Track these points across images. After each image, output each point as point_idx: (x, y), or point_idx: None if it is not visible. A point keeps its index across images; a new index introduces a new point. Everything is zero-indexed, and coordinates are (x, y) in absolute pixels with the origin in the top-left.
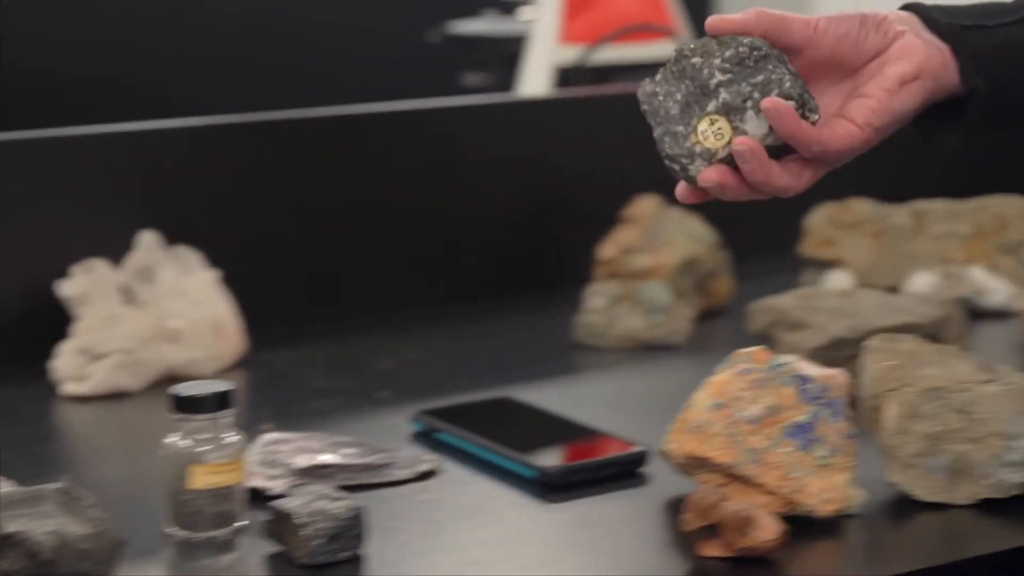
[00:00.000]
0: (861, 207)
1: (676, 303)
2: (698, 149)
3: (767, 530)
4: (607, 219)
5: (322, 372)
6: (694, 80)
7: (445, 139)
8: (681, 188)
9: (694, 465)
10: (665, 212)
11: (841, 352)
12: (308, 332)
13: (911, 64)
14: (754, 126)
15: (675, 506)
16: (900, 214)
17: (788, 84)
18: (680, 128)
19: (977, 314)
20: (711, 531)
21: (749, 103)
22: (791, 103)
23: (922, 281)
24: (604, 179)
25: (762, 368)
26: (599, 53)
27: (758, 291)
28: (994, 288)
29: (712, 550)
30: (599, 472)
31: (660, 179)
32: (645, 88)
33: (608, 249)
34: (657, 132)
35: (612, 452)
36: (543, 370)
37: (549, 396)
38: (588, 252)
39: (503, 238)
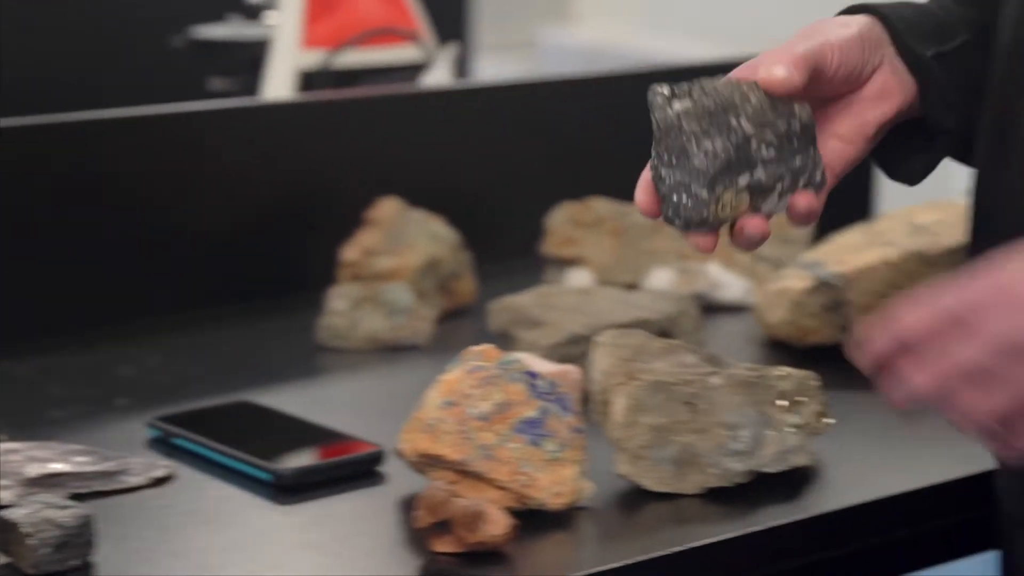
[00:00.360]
0: (601, 206)
1: (418, 304)
2: (710, 216)
3: (497, 525)
4: (350, 222)
5: (60, 381)
6: (736, 144)
7: (189, 143)
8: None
9: (427, 463)
10: (407, 214)
11: (578, 349)
12: (46, 341)
13: (891, 107)
14: (771, 206)
15: (410, 504)
16: (639, 213)
17: (818, 173)
18: (703, 192)
19: (713, 309)
20: (443, 527)
21: (779, 186)
22: (812, 191)
23: (659, 278)
24: (347, 182)
25: (492, 366)
26: (342, 57)
27: (501, 291)
28: (729, 283)
29: (444, 546)
30: (335, 473)
31: (402, 181)
32: (671, 107)
33: (351, 251)
34: (666, 172)
35: (348, 453)
36: (285, 373)
37: (290, 399)
38: (331, 255)
39: (246, 243)
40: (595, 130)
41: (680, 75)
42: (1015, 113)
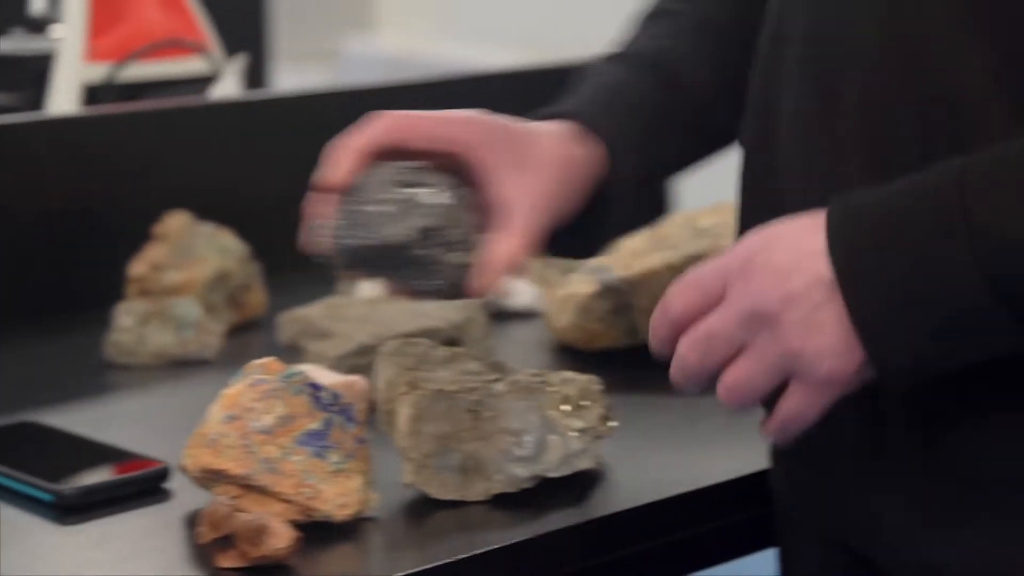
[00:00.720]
0: None
1: (207, 318)
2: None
3: (280, 538)
4: (138, 237)
5: None
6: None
7: None
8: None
9: (211, 478)
10: (195, 228)
11: (366, 359)
12: None
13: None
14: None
15: (194, 520)
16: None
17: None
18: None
19: (503, 315)
20: (226, 542)
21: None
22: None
23: None
24: (134, 196)
25: (274, 379)
26: (127, 71)
27: (292, 302)
28: (519, 290)
29: (228, 561)
30: (119, 491)
31: (189, 196)
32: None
33: (138, 267)
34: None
35: (133, 470)
36: (71, 392)
37: (76, 418)
38: (119, 271)
39: (30, 259)
40: None
41: (482, 82)
42: (775, 98)
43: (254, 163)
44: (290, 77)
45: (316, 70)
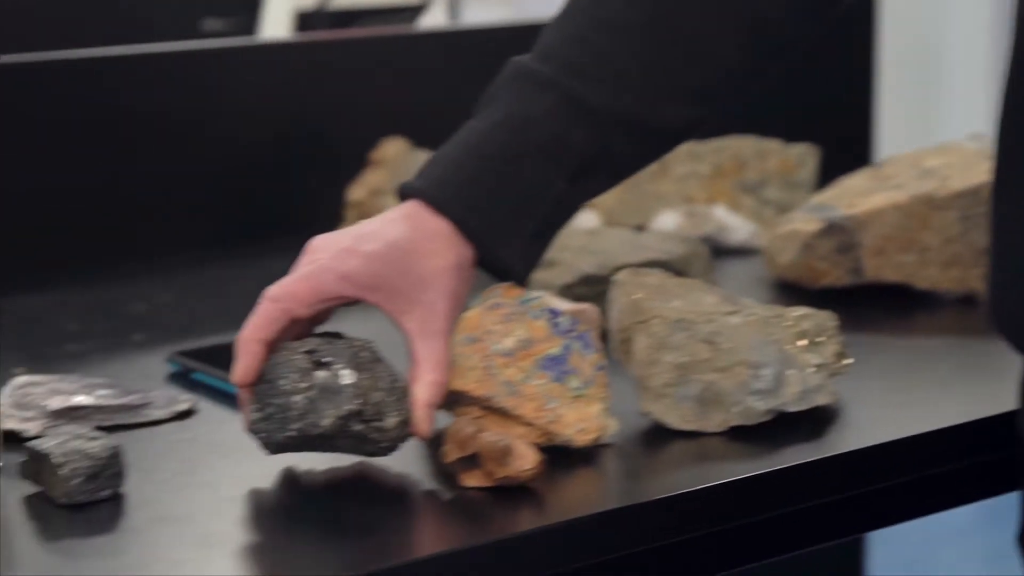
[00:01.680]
0: None
1: None
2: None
3: (525, 459)
4: (355, 162)
5: (75, 316)
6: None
7: (190, 84)
8: None
9: (451, 399)
10: (412, 154)
11: (590, 288)
12: (59, 277)
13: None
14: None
15: (434, 440)
16: None
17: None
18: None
19: (720, 251)
20: (471, 462)
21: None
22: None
23: (667, 220)
24: (353, 122)
25: (513, 303)
26: None
27: None
28: (736, 226)
29: (472, 480)
30: None
31: (406, 121)
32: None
33: (357, 191)
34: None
35: None
36: None
37: None
38: (338, 195)
39: (252, 183)
40: None
41: None
42: None
43: (464, 91)
44: (475, 12)
45: (495, 4)
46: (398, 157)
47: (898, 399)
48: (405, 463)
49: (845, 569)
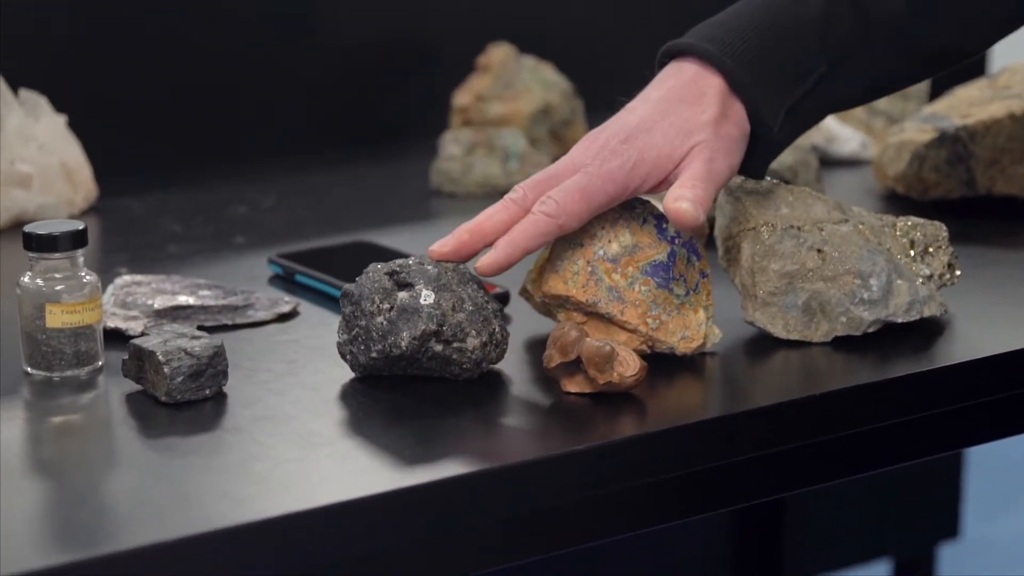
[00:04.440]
0: None
1: (531, 150)
2: None
3: (629, 366)
4: (462, 67)
5: (176, 218)
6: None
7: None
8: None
9: (554, 304)
10: (519, 60)
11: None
12: (160, 180)
13: None
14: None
15: (535, 345)
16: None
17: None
18: None
19: (829, 162)
20: (573, 367)
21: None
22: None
23: None
24: (458, 27)
25: (619, 208)
26: None
27: None
28: (845, 137)
29: (575, 386)
30: None
31: (513, 27)
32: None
33: (463, 97)
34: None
35: None
36: (400, 216)
37: (406, 241)
38: (444, 100)
39: (357, 86)
40: None
41: None
42: None
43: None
44: None
45: None
46: (504, 62)
47: (1008, 313)
48: (509, 368)
49: (943, 486)
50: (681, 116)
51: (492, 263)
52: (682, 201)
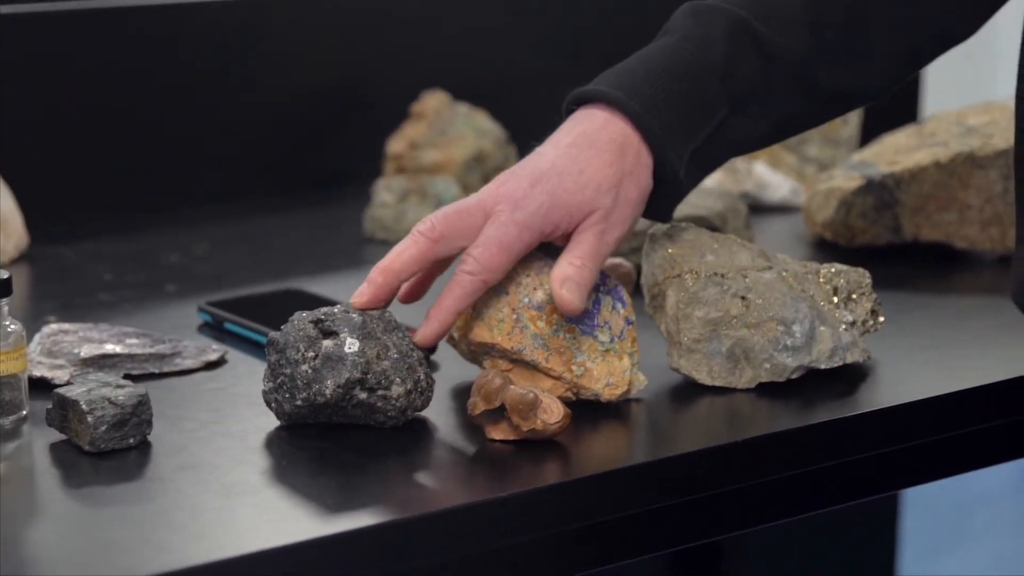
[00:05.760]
0: None
1: (464, 197)
2: None
3: (553, 413)
4: (396, 114)
5: (108, 266)
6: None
7: (231, 34)
8: None
9: (480, 351)
10: (453, 107)
11: (626, 243)
12: (93, 228)
13: None
14: None
15: (461, 392)
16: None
17: None
18: None
19: (760, 209)
20: (498, 414)
21: None
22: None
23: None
24: (392, 75)
25: (543, 256)
26: None
27: None
28: (776, 183)
29: (498, 433)
30: None
31: (447, 74)
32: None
33: (397, 144)
34: None
35: None
36: (332, 263)
37: (338, 287)
38: (377, 147)
39: (291, 134)
40: (643, 20)
41: None
42: None
43: (509, 44)
44: None
45: None
46: (438, 109)
47: (933, 357)
48: (434, 415)
49: (878, 529)
50: (591, 165)
51: (429, 335)
52: (569, 284)
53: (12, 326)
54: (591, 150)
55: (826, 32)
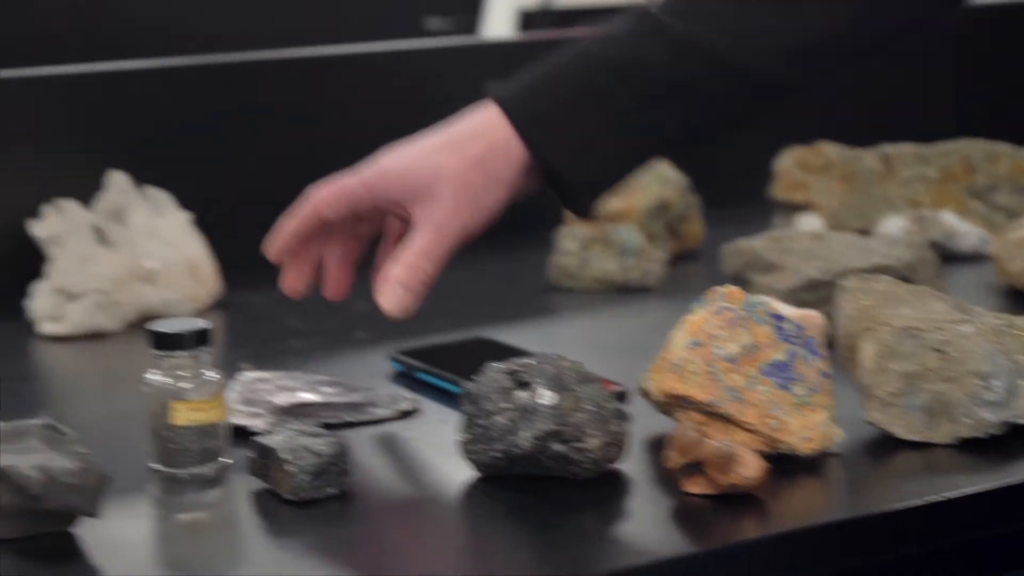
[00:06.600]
0: (830, 150)
1: (648, 246)
2: None
3: (750, 467)
4: None
5: (299, 313)
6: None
7: (411, 81)
8: None
9: (673, 403)
10: None
11: (814, 293)
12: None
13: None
14: None
15: (656, 444)
16: (869, 158)
17: None
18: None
19: (948, 258)
20: (694, 469)
21: None
22: None
23: (893, 224)
24: None
25: (737, 307)
26: None
27: (728, 235)
28: (965, 232)
29: (695, 487)
30: None
31: None
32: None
33: None
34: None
35: None
36: (518, 311)
37: (525, 337)
38: None
39: None
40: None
41: None
42: None
43: None
44: None
45: None
46: None
47: None
48: (627, 468)
49: None
50: (436, 159)
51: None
52: (395, 288)
53: (212, 375)
54: (442, 134)
55: (751, 21)
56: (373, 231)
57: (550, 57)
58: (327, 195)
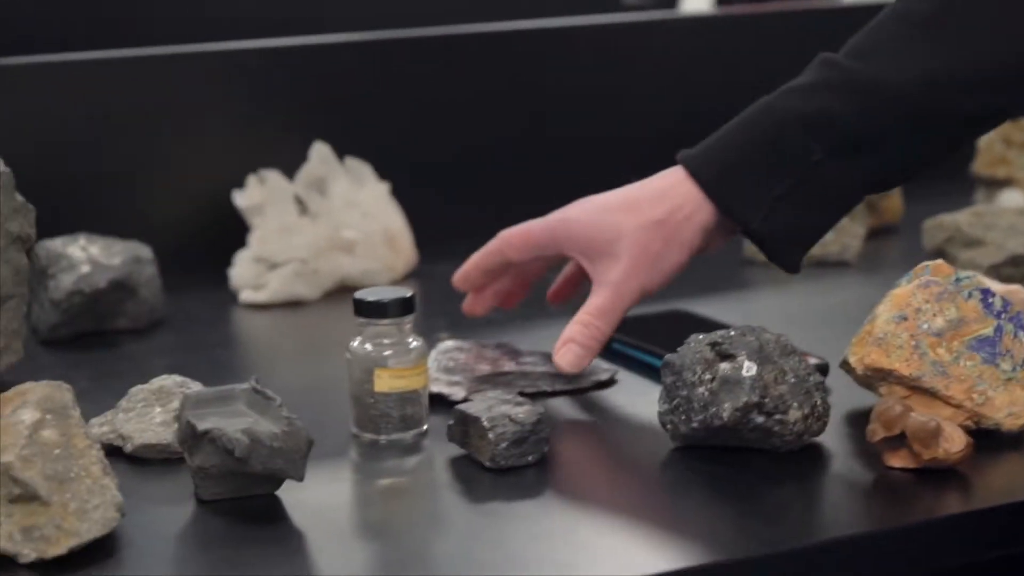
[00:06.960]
0: None
1: (847, 220)
2: None
3: (955, 442)
4: None
5: None
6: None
7: (607, 56)
8: None
9: (876, 377)
10: None
11: (1018, 269)
12: (478, 245)
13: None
14: None
15: (856, 418)
16: None
17: None
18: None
19: None
20: (897, 442)
21: None
22: None
23: None
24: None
25: (944, 281)
26: None
27: (927, 210)
28: None
29: (898, 461)
30: None
31: None
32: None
33: None
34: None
35: None
36: (715, 285)
37: (721, 310)
38: None
39: (671, 157)
40: None
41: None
42: None
43: None
44: None
45: None
46: None
47: None
48: (830, 441)
49: None
50: (619, 219)
51: (458, 274)
52: (571, 346)
53: (414, 343)
54: (628, 193)
55: (940, 62)
56: (550, 266)
57: (732, 120)
58: (515, 239)
